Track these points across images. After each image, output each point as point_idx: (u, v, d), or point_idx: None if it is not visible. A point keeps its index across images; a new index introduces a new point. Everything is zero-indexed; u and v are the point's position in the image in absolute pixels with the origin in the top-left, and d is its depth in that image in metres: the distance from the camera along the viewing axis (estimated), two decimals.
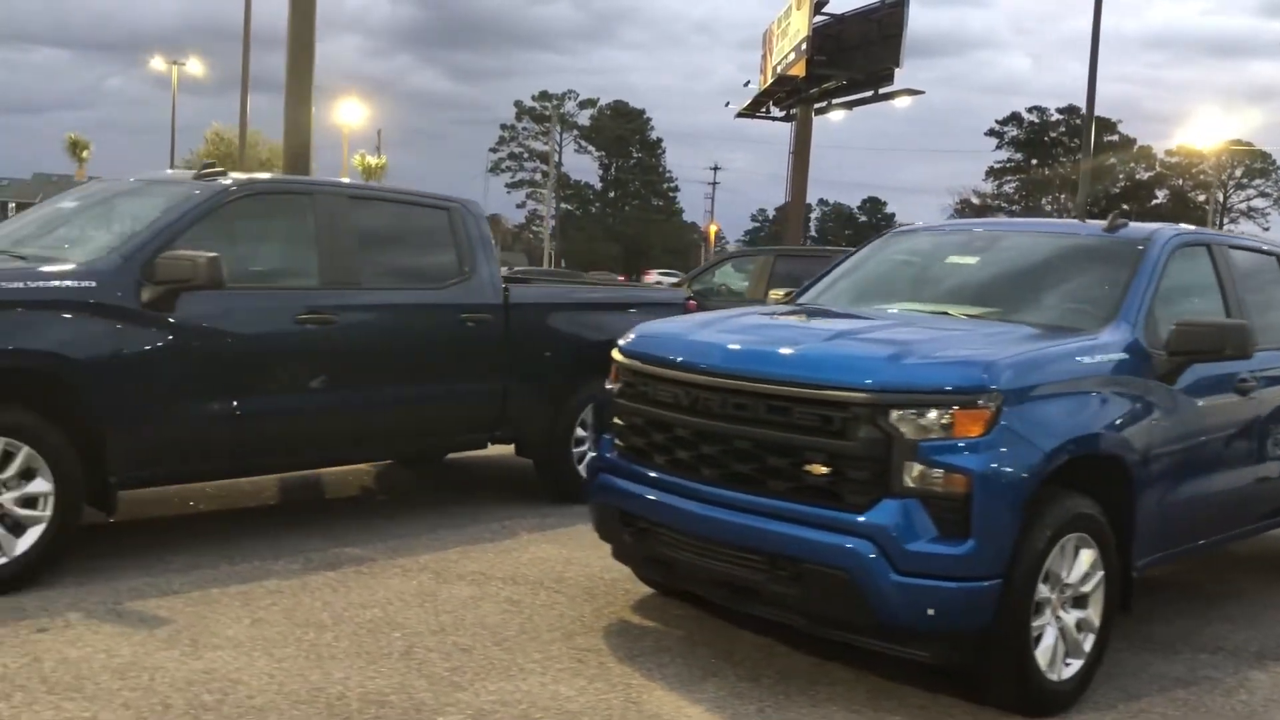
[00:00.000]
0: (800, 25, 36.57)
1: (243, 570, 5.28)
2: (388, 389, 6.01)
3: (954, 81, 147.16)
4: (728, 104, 50.07)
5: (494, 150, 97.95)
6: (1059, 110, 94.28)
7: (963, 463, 3.64)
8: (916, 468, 3.67)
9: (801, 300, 5.43)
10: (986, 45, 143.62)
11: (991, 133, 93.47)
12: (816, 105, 39.51)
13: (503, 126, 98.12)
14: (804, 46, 35.72)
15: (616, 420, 4.59)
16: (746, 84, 43.70)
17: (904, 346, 3.98)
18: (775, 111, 44.13)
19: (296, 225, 5.78)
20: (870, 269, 5.57)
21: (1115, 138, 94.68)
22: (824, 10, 36.70)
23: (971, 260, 5.25)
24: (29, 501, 4.74)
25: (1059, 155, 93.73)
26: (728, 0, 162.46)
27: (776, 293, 5.72)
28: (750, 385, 3.97)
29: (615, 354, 4.67)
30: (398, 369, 6.06)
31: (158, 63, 50.07)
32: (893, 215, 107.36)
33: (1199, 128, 42.34)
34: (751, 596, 4.05)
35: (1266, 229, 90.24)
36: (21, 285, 4.74)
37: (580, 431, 7.06)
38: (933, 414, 3.67)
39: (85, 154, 51.19)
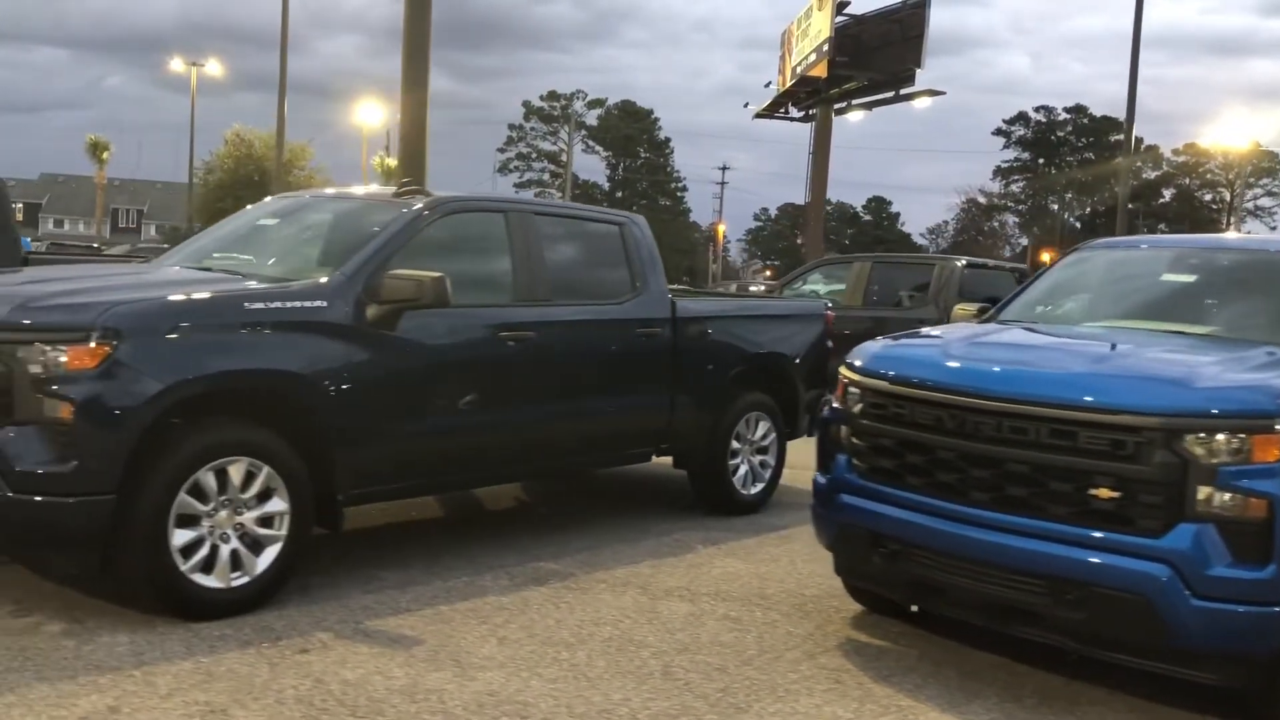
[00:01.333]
0: (822, 26, 36.60)
1: (457, 587, 5.32)
2: (577, 403, 6.10)
3: (953, 81, 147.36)
4: (746, 104, 50.06)
5: (502, 150, 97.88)
6: (1066, 110, 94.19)
7: (1262, 488, 3.67)
8: (1213, 493, 3.70)
9: (1010, 317, 5.46)
10: (985, 45, 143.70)
11: (999, 132, 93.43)
12: (836, 106, 39.55)
13: (511, 126, 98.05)
14: (826, 47, 35.77)
15: (854, 440, 4.62)
16: (768, 85, 43.77)
17: (1188, 370, 4.02)
18: (794, 112, 44.21)
19: (492, 242, 5.83)
20: (1082, 285, 5.61)
21: (1121, 136, 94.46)
22: (844, 11, 36.75)
23: (1189, 278, 5.29)
24: (265, 521, 4.76)
25: (1066, 155, 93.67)
26: (726, 0, 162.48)
27: (966, 307, 5.74)
28: (1030, 409, 4.00)
29: (850, 373, 4.70)
30: (586, 384, 6.15)
31: (177, 64, 49.85)
32: (898, 215, 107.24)
33: (1224, 128, 42.25)
34: (1028, 619, 4.08)
35: (1273, 228, 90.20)
36: (262, 306, 4.77)
37: (734, 444, 7.11)
38: (1228, 439, 3.71)
39: (106, 155, 51.11)
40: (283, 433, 4.80)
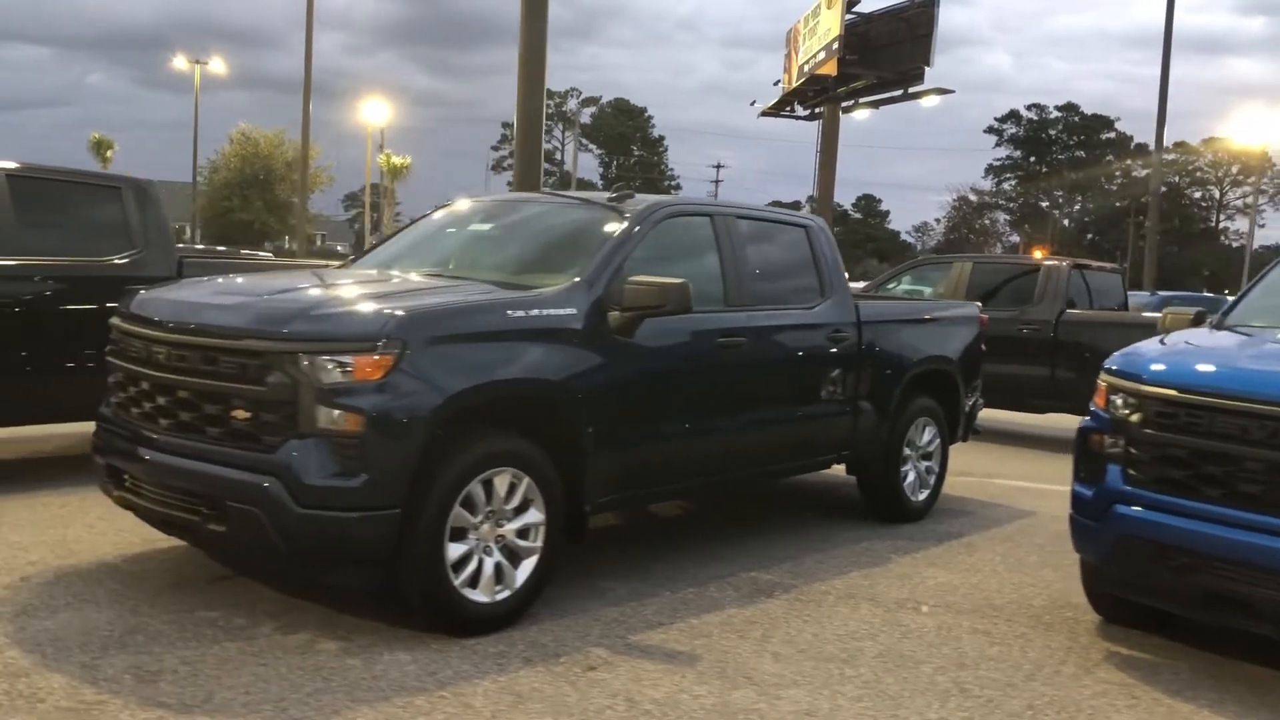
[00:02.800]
0: (831, 24, 36.51)
1: (690, 598, 5.22)
2: (780, 409, 6.03)
3: (937, 79, 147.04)
4: (753, 103, 50.10)
5: (496, 148, 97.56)
6: (1058, 108, 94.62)
7: None
8: None
9: (1244, 321, 5.39)
10: (968, 43, 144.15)
11: (991, 130, 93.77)
12: (843, 104, 39.51)
13: (504, 125, 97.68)
14: (836, 46, 35.68)
15: (1132, 450, 4.53)
16: (776, 83, 43.70)
17: None
18: (800, 110, 44.16)
19: (703, 246, 5.72)
20: None
21: (1112, 134, 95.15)
22: (852, 9, 36.71)
23: None
24: (523, 533, 4.66)
25: (1057, 153, 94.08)
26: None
27: (1184, 312, 5.66)
28: None
29: (1121, 380, 4.62)
30: (787, 389, 6.07)
31: (180, 61, 49.34)
32: (888, 213, 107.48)
33: (1241, 127, 42.36)
34: None
35: (1262, 226, 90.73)
36: (523, 314, 4.66)
37: (905, 450, 7.03)
38: None
39: (110, 154, 50.62)
40: (540, 443, 4.69)
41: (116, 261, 6.92)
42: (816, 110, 42.32)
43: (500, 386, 4.52)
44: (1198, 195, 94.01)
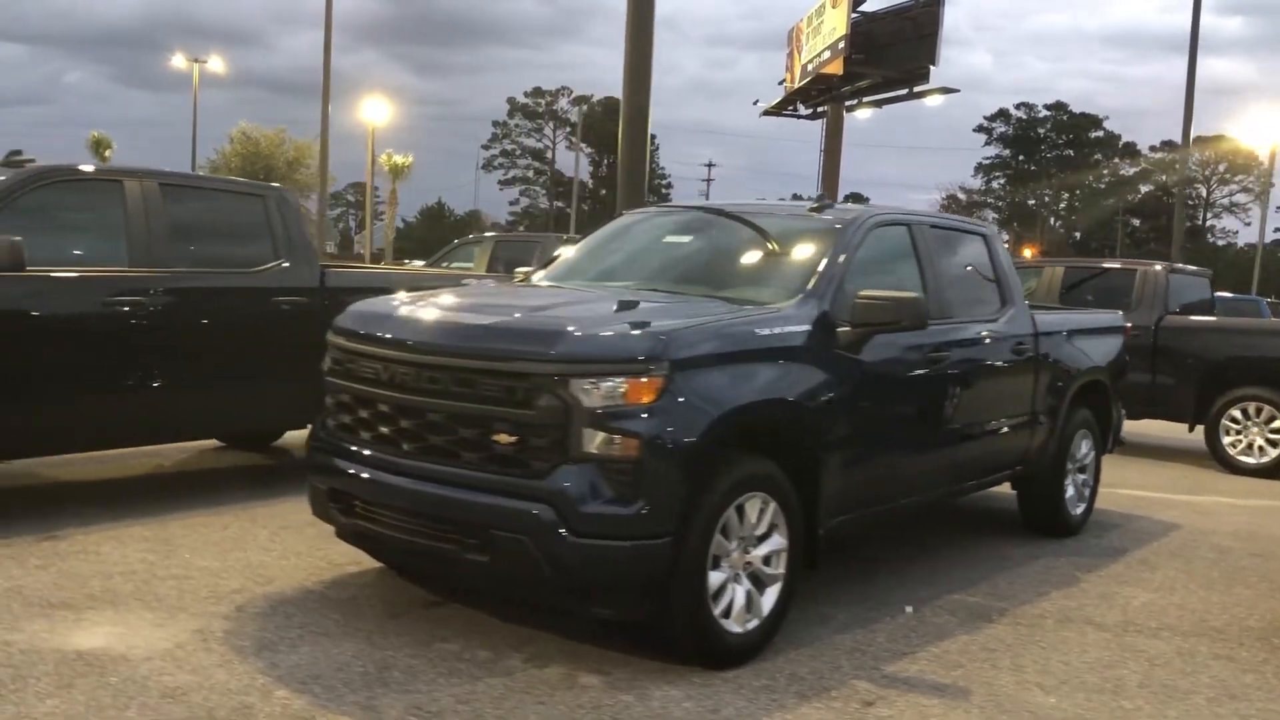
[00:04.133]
0: (837, 24, 36.36)
1: (912, 624, 5.09)
2: (979, 424, 5.90)
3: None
4: (756, 102, 50.01)
5: (486, 147, 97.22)
6: (1046, 107, 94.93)
7: None
8: None
9: None
10: (948, 43, 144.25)
11: (980, 129, 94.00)
12: (847, 103, 39.42)
13: (495, 123, 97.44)
14: (841, 45, 35.53)
15: None
16: (781, 83, 43.58)
17: None
18: (803, 110, 44.06)
19: (905, 257, 5.59)
20: None
21: (1101, 133, 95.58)
22: (857, 8, 36.62)
23: None
24: (766, 560, 4.49)
25: (1046, 152, 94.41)
26: None
27: None
28: None
29: None
30: (986, 403, 5.92)
31: (179, 60, 48.82)
32: None
33: (1249, 127, 42.46)
34: None
35: (1248, 224, 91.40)
36: (767, 332, 4.49)
37: (1066, 463, 6.90)
38: None
39: (108, 154, 50.04)
40: (782, 465, 4.52)
41: (263, 272, 6.69)
42: (819, 110, 42.24)
43: (758, 408, 4.36)
44: (1186, 193, 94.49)
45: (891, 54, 36.54)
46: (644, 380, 3.98)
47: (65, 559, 5.27)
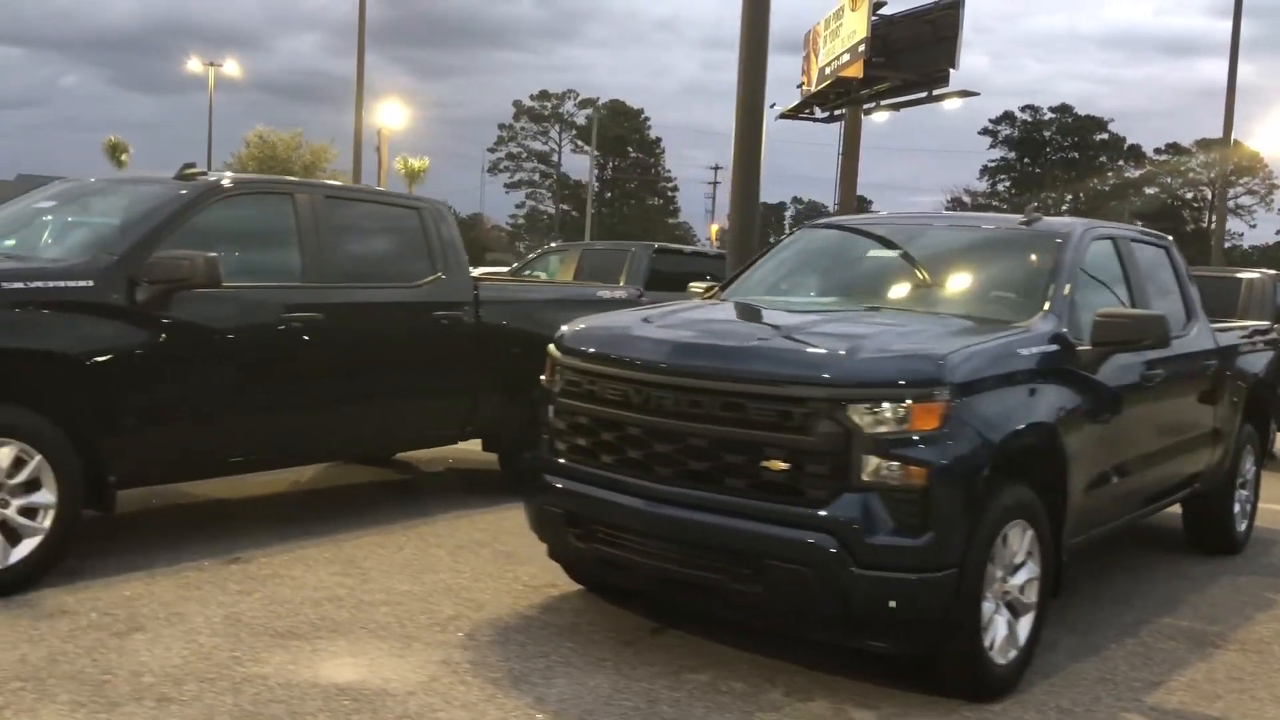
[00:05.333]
0: (857, 26, 36.17)
1: (1139, 650, 4.98)
2: (1176, 441, 5.79)
3: None
4: (773, 105, 49.70)
5: (492, 150, 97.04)
6: (1051, 109, 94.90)
7: None
8: None
9: None
10: None
11: (985, 131, 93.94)
12: (865, 106, 39.27)
13: (500, 126, 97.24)
14: (861, 48, 35.35)
15: None
16: (800, 86, 43.49)
17: None
18: (819, 113, 43.95)
19: (1113, 271, 5.49)
20: None
21: (1105, 136, 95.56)
22: (876, 11, 36.47)
23: None
24: (1021, 588, 4.36)
25: (1051, 155, 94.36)
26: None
27: None
28: None
29: None
30: (1180, 420, 5.81)
31: (194, 64, 48.67)
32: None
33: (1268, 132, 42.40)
34: None
35: (1253, 226, 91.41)
36: (1026, 352, 4.37)
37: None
38: None
39: (125, 157, 49.83)
40: (1036, 490, 4.39)
41: (423, 285, 6.56)
42: (836, 113, 42.13)
43: (1027, 432, 4.22)
44: (1190, 196, 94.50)
45: (911, 57, 36.38)
46: (929, 405, 3.85)
47: (262, 583, 5.13)
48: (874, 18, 35.29)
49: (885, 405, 3.83)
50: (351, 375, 6.09)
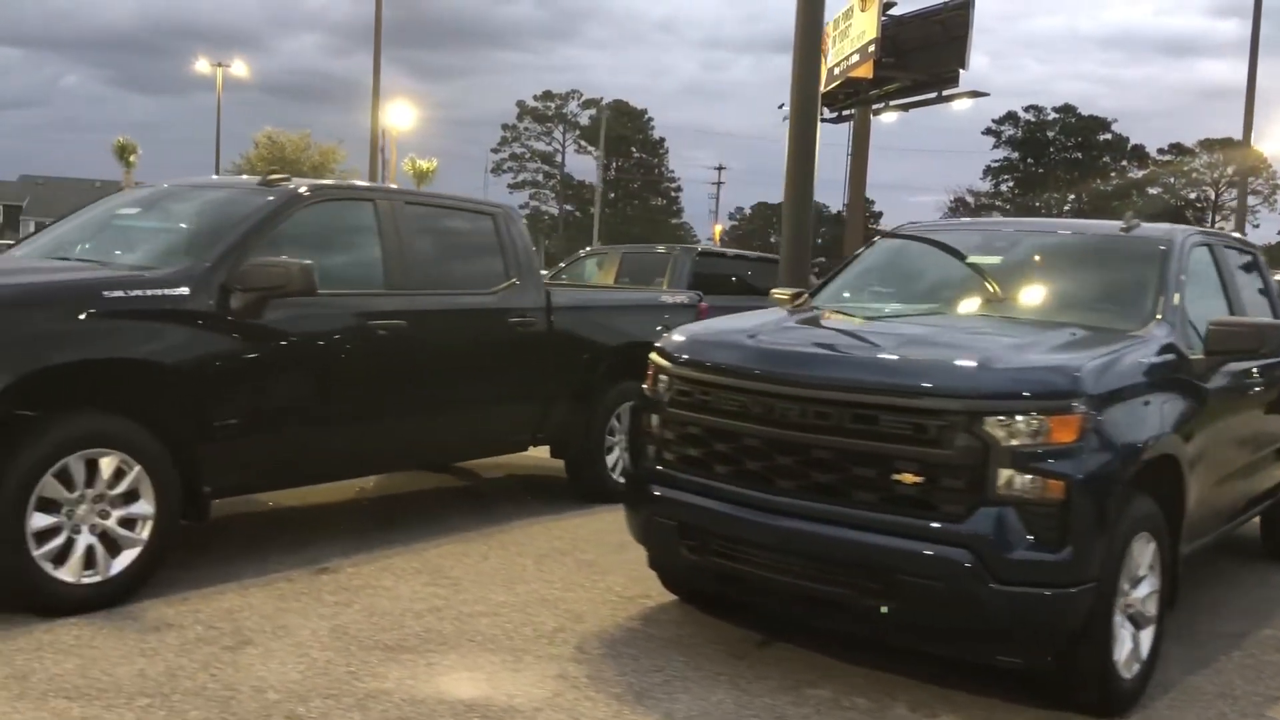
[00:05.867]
0: (866, 27, 36.14)
1: (1276, 668, 4.87)
2: (1269, 450, 5.70)
3: None
4: (780, 106, 49.73)
5: (495, 151, 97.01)
6: (1055, 109, 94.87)
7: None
8: None
9: None
10: None
11: (988, 132, 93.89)
12: (874, 106, 39.21)
13: (504, 127, 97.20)
14: (871, 48, 35.31)
15: None
16: None
17: None
18: (827, 113, 43.88)
19: (1210, 276, 5.42)
20: None
21: (1109, 136, 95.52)
22: (886, 11, 36.41)
23: None
24: (1144, 600, 4.30)
25: (1055, 155, 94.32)
26: (689, 0, 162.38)
27: None
28: None
29: None
30: (1272, 428, 5.73)
31: (202, 64, 48.53)
32: (880, 214, 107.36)
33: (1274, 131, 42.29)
34: None
35: (1256, 226, 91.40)
36: (1146, 364, 4.34)
37: None
38: None
39: (133, 159, 49.67)
40: (1158, 502, 4.34)
41: (498, 292, 6.51)
42: (845, 113, 42.09)
43: (1152, 444, 4.18)
44: (1193, 196, 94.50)
45: (920, 57, 36.34)
46: (1067, 418, 3.79)
47: (356, 594, 5.08)
48: (883, 18, 35.28)
49: (1023, 418, 3.78)
50: (434, 382, 6.04)
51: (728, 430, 4.28)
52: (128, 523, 4.72)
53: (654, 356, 4.74)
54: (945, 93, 36.42)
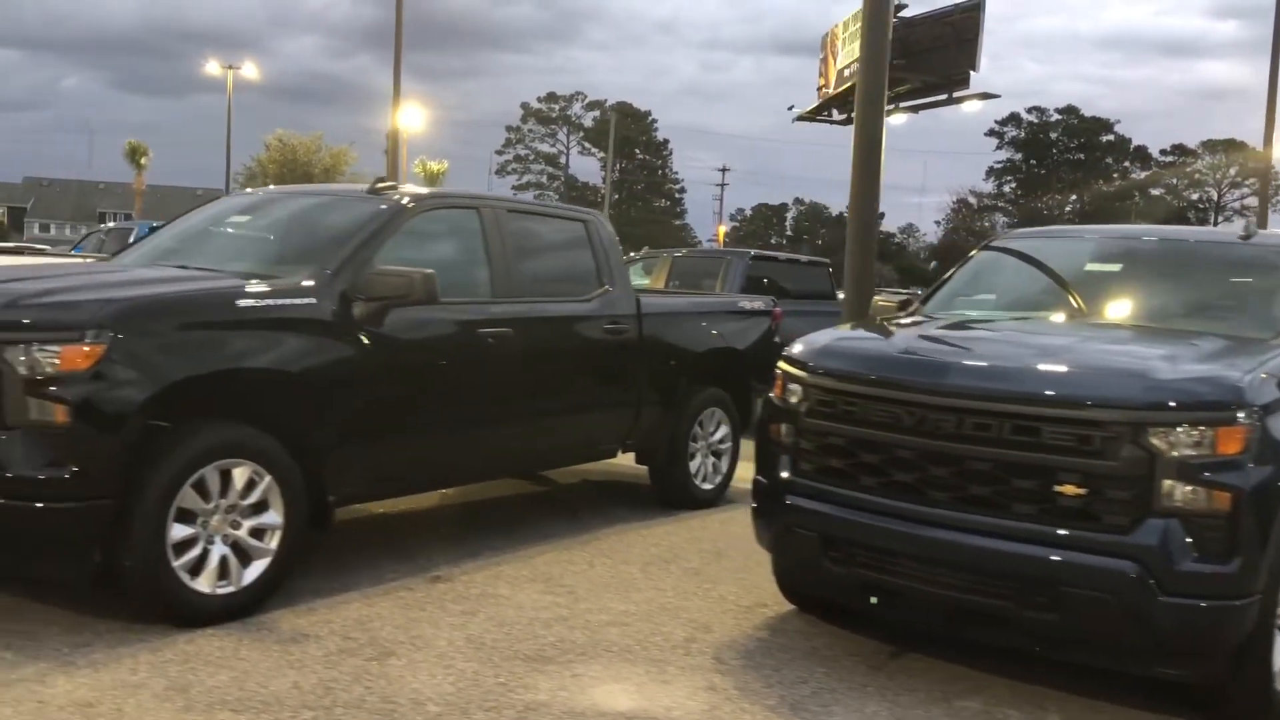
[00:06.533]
0: None
1: None
2: None
3: None
4: (791, 107, 49.83)
5: (500, 153, 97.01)
6: (1058, 111, 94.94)
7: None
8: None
9: None
10: None
11: (991, 133, 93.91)
12: (886, 109, 39.01)
13: (508, 128, 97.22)
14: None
15: None
16: (821, 88, 43.48)
17: None
18: (837, 115, 43.90)
19: None
20: None
21: (1112, 137, 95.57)
22: (897, 14, 36.36)
23: None
24: None
25: (1057, 156, 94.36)
26: (689, 1, 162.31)
27: None
28: None
29: None
30: None
31: (213, 66, 48.44)
32: (882, 215, 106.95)
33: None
34: None
35: (1261, 227, 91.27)
36: None
37: None
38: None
39: (144, 160, 49.66)
40: None
41: (593, 299, 6.50)
42: (853, 115, 41.98)
43: None
44: (1195, 197, 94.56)
45: (931, 59, 36.25)
46: (1233, 429, 3.78)
47: (478, 603, 5.07)
48: (894, 20, 35.12)
49: (1189, 428, 3.77)
50: (539, 390, 6.04)
51: (877, 441, 4.26)
52: (257, 533, 4.70)
53: (785, 365, 4.73)
54: (956, 94, 36.38)
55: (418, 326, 5.31)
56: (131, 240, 12.38)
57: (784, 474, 4.59)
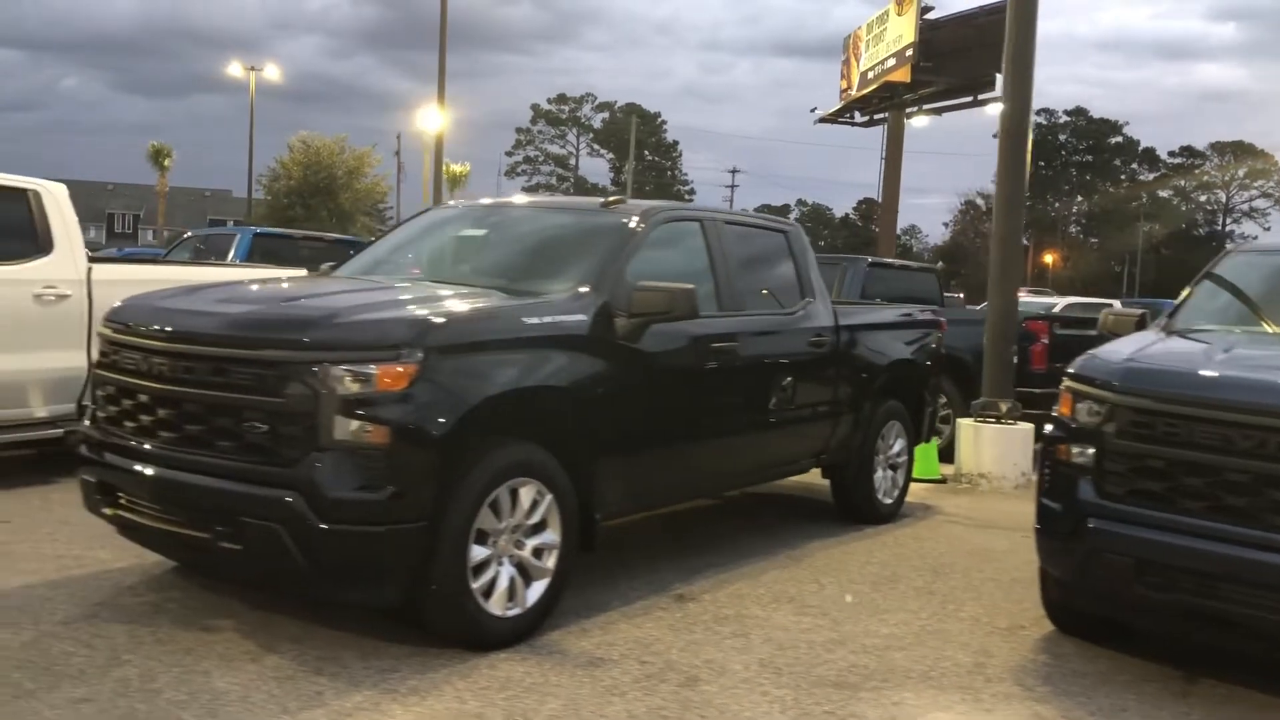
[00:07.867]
0: (903, 30, 36.12)
1: None
2: None
3: None
4: (814, 109, 49.92)
5: (509, 154, 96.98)
6: (1066, 112, 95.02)
7: None
8: None
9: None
10: None
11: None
12: (907, 111, 39.13)
13: (518, 130, 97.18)
14: (909, 53, 35.30)
15: None
16: (844, 90, 43.38)
17: None
18: (859, 117, 43.86)
19: None
20: None
21: (1120, 139, 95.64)
22: (923, 16, 36.36)
23: None
24: None
25: (1066, 157, 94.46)
26: (688, 3, 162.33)
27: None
28: None
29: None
30: None
31: (235, 69, 48.22)
32: None
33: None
34: None
35: (1267, 229, 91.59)
36: None
37: None
38: None
39: (168, 163, 49.42)
40: None
41: (797, 311, 6.41)
42: (876, 117, 42.02)
43: None
44: (1203, 199, 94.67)
45: (956, 62, 36.27)
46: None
47: (741, 624, 4.97)
48: (919, 21, 35.16)
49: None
50: (760, 403, 5.97)
51: (1204, 464, 4.16)
52: (537, 553, 4.60)
53: (1077, 384, 4.62)
54: (980, 97, 36.38)
55: (668, 341, 5.22)
56: (233, 251, 12.23)
57: (1084, 497, 4.48)
